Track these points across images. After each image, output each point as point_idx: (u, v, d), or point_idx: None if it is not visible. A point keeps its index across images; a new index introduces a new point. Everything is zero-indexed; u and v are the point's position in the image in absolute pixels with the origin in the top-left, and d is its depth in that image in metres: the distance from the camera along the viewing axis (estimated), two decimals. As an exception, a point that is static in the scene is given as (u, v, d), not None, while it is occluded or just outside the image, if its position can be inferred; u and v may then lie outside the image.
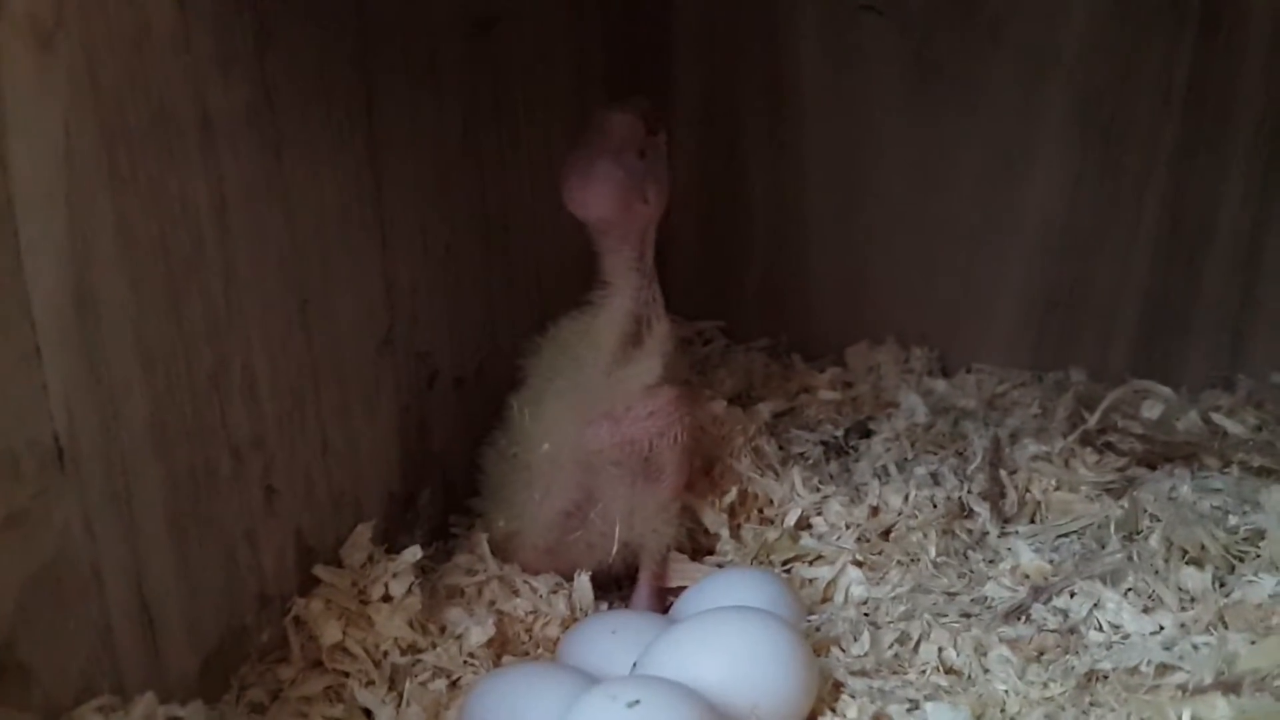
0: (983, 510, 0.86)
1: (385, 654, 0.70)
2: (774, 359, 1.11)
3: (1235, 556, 0.78)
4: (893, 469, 0.92)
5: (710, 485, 0.86)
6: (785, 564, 0.83)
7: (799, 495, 0.87)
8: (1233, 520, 0.81)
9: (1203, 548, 0.78)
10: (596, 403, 0.76)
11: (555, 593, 0.77)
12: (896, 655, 0.72)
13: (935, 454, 0.94)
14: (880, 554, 0.83)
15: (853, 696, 0.67)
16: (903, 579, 0.80)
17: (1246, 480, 0.87)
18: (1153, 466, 0.91)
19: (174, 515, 0.61)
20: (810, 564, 0.82)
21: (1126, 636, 0.73)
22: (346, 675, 0.69)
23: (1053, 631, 0.73)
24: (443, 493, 0.85)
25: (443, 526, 0.86)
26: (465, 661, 0.71)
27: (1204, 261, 1.00)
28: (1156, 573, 0.77)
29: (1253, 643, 0.68)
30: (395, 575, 0.73)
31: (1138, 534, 0.82)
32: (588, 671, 0.68)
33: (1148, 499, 0.84)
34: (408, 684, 0.69)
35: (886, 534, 0.85)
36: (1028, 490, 0.89)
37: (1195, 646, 0.70)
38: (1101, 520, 0.84)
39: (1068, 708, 0.66)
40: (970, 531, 0.85)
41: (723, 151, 1.09)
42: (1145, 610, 0.74)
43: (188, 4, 0.58)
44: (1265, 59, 0.94)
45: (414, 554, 0.75)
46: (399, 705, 0.68)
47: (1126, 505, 0.84)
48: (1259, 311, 1.00)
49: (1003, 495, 0.88)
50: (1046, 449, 0.92)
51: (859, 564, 0.81)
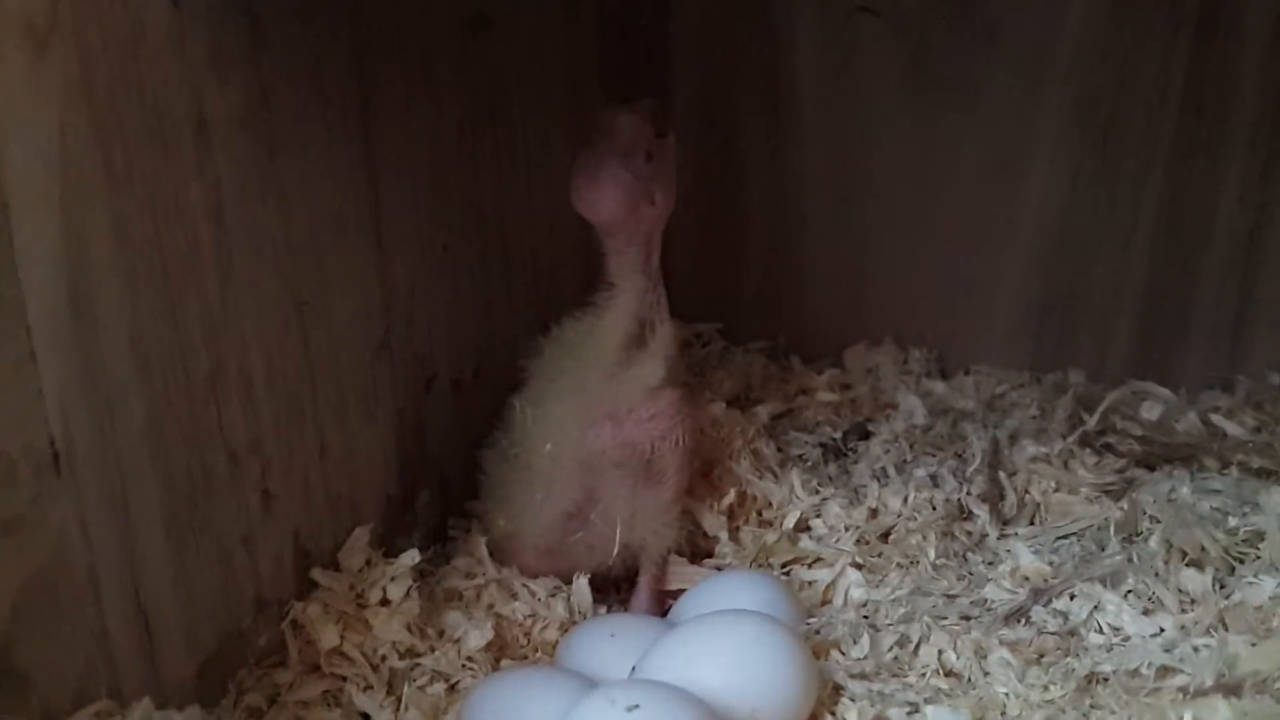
0: (982, 512, 0.86)
1: (383, 658, 0.70)
2: (772, 361, 1.10)
3: (1235, 558, 0.78)
4: (892, 471, 0.92)
5: (709, 488, 0.86)
6: (784, 566, 0.83)
7: (798, 497, 0.87)
8: (1232, 522, 0.81)
9: (1203, 549, 0.78)
10: (599, 404, 0.76)
11: (554, 596, 0.77)
12: (896, 658, 0.72)
13: (934, 456, 0.94)
14: (879, 556, 0.82)
15: (852, 700, 0.67)
16: (902, 581, 0.80)
17: (1246, 481, 0.87)
18: (1152, 468, 0.91)
19: (171, 519, 0.60)
20: (809, 566, 0.82)
21: (1127, 639, 0.72)
22: (344, 679, 0.69)
23: (1053, 634, 0.73)
24: (440, 496, 0.85)
25: (441, 529, 0.85)
26: (464, 665, 0.71)
27: (1202, 262, 1.00)
28: (1156, 574, 0.77)
29: (1253, 645, 0.68)
30: (393, 579, 0.73)
31: (1137, 536, 0.82)
32: (586, 675, 0.67)
33: (1147, 500, 0.84)
34: (406, 688, 0.68)
35: (886, 536, 0.85)
36: (1027, 492, 0.89)
37: (1196, 649, 0.70)
38: (1101, 522, 0.84)
39: (1068, 710, 0.66)
40: (970, 533, 0.85)
41: (720, 153, 1.09)
42: (1145, 612, 0.74)
43: (182, 5, 0.57)
44: (1262, 60, 0.94)
45: (412, 557, 0.75)
46: (397, 709, 0.68)
47: (1126, 507, 0.84)
48: (1257, 312, 1.00)
49: (1002, 497, 0.88)
50: (1046, 450, 0.92)
51: (858, 566, 0.81)
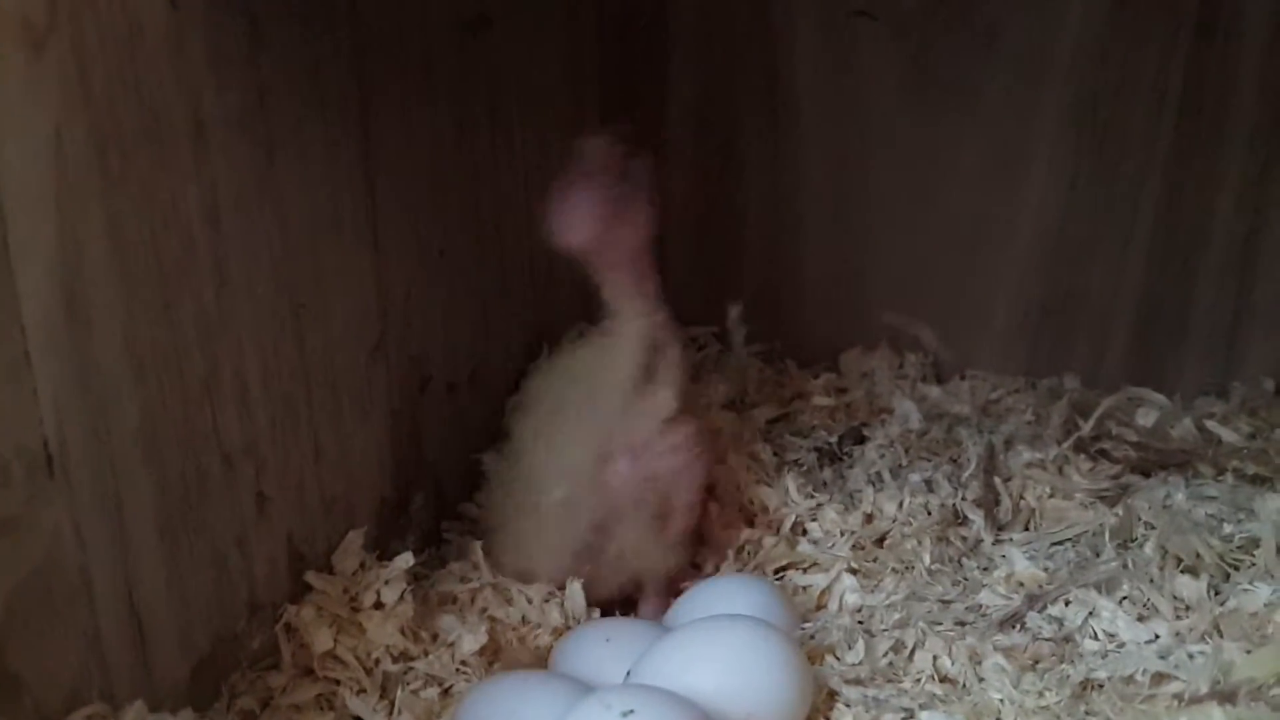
0: (977, 517, 0.86)
1: (377, 661, 0.70)
2: (768, 364, 1.10)
3: (1230, 565, 0.78)
4: (887, 476, 0.92)
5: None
6: (779, 571, 0.82)
7: (793, 502, 0.87)
8: (1227, 528, 0.81)
9: (1197, 556, 0.78)
10: (614, 440, 0.75)
11: (549, 600, 0.77)
12: (891, 664, 0.72)
13: (929, 461, 0.94)
14: (875, 561, 0.82)
15: (847, 705, 0.67)
16: (897, 586, 0.80)
17: (1241, 488, 0.87)
18: (1147, 474, 0.91)
19: (164, 522, 0.60)
20: (804, 571, 0.82)
21: (1122, 645, 0.73)
22: (338, 683, 0.69)
23: (1048, 640, 0.73)
24: (435, 499, 0.85)
25: (435, 532, 0.85)
26: (458, 669, 0.71)
27: (1199, 267, 1.00)
28: (1151, 581, 0.77)
29: (1248, 652, 0.68)
30: (387, 582, 0.73)
31: (1132, 542, 0.82)
32: (581, 680, 0.67)
33: (1142, 507, 0.84)
34: (399, 692, 0.68)
35: (881, 541, 0.84)
36: (1022, 497, 0.88)
37: (1191, 655, 0.70)
38: (1096, 528, 0.84)
39: (1063, 716, 0.66)
40: (965, 539, 0.85)
41: (718, 155, 1.08)
42: (1140, 619, 0.74)
43: (180, 6, 0.57)
44: (1260, 65, 0.94)
45: (406, 560, 0.75)
46: (390, 713, 0.67)
47: (1121, 513, 0.84)
48: (1253, 318, 1.00)
49: (997, 502, 0.88)
50: (1041, 456, 0.92)
51: (853, 571, 0.81)
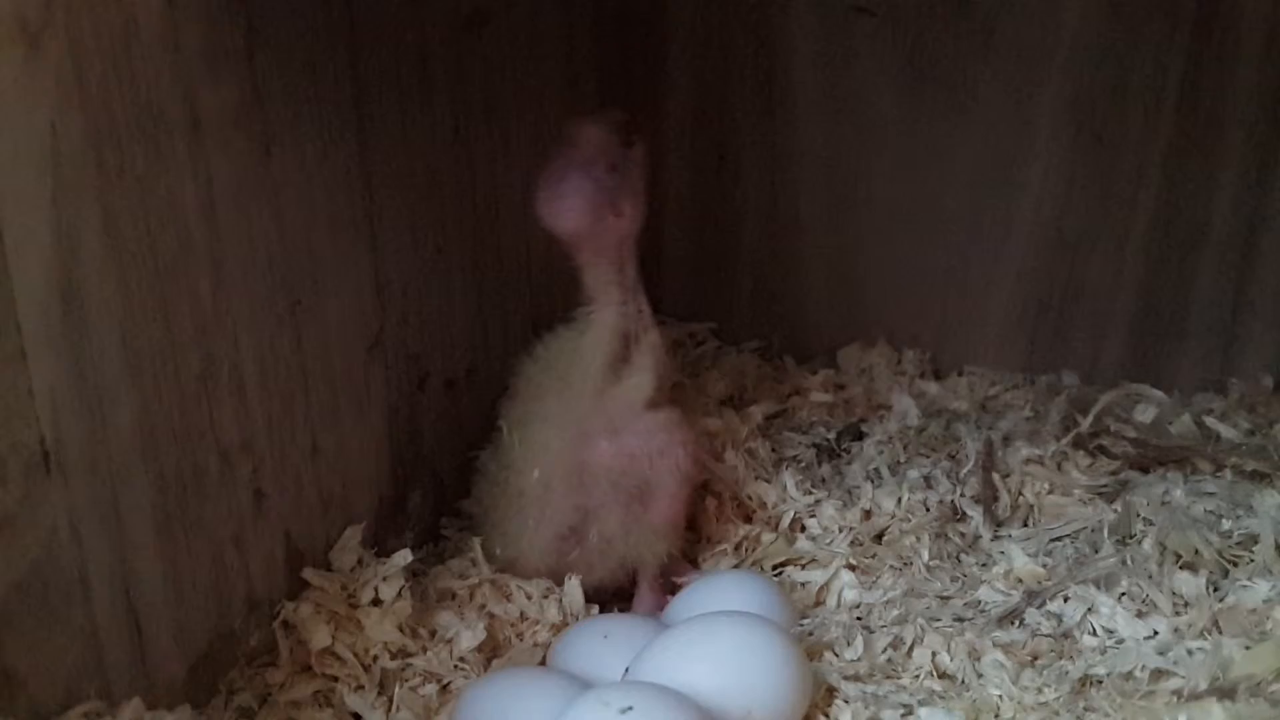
0: (976, 514, 0.86)
1: (375, 658, 0.70)
2: (766, 361, 1.10)
3: (1229, 561, 0.78)
4: (885, 472, 0.92)
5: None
6: (777, 568, 0.82)
7: (792, 498, 0.87)
8: (1226, 524, 0.81)
9: (1196, 552, 0.78)
10: (589, 423, 0.75)
11: (547, 597, 0.77)
12: (890, 660, 0.72)
13: (928, 457, 0.94)
14: (873, 558, 0.82)
15: (846, 702, 0.67)
16: (895, 583, 0.80)
17: (1239, 484, 0.87)
18: (1145, 470, 0.91)
19: (161, 519, 0.60)
20: (803, 568, 0.82)
21: (1120, 641, 0.73)
22: (336, 680, 0.68)
23: (1046, 636, 0.73)
24: (433, 495, 0.85)
25: (433, 529, 0.85)
26: (456, 666, 0.71)
27: (1196, 264, 1.00)
28: (1150, 577, 0.77)
29: (1247, 648, 0.68)
30: (385, 579, 0.73)
31: (1131, 538, 0.82)
32: (579, 677, 0.67)
33: (1141, 503, 0.84)
34: (397, 688, 0.68)
35: (879, 537, 0.84)
36: (1020, 493, 0.88)
37: (1190, 651, 0.70)
38: (1095, 524, 0.83)
39: (1062, 713, 0.66)
40: (963, 535, 0.85)
41: (715, 152, 1.08)
42: (1139, 615, 0.74)
43: (176, 2, 0.57)
44: (1258, 63, 0.94)
45: (404, 557, 0.75)
46: (389, 710, 0.67)
47: (1120, 509, 0.84)
48: (1251, 314, 1.00)
49: (996, 498, 0.88)
50: (1039, 452, 0.92)
51: (852, 568, 0.81)
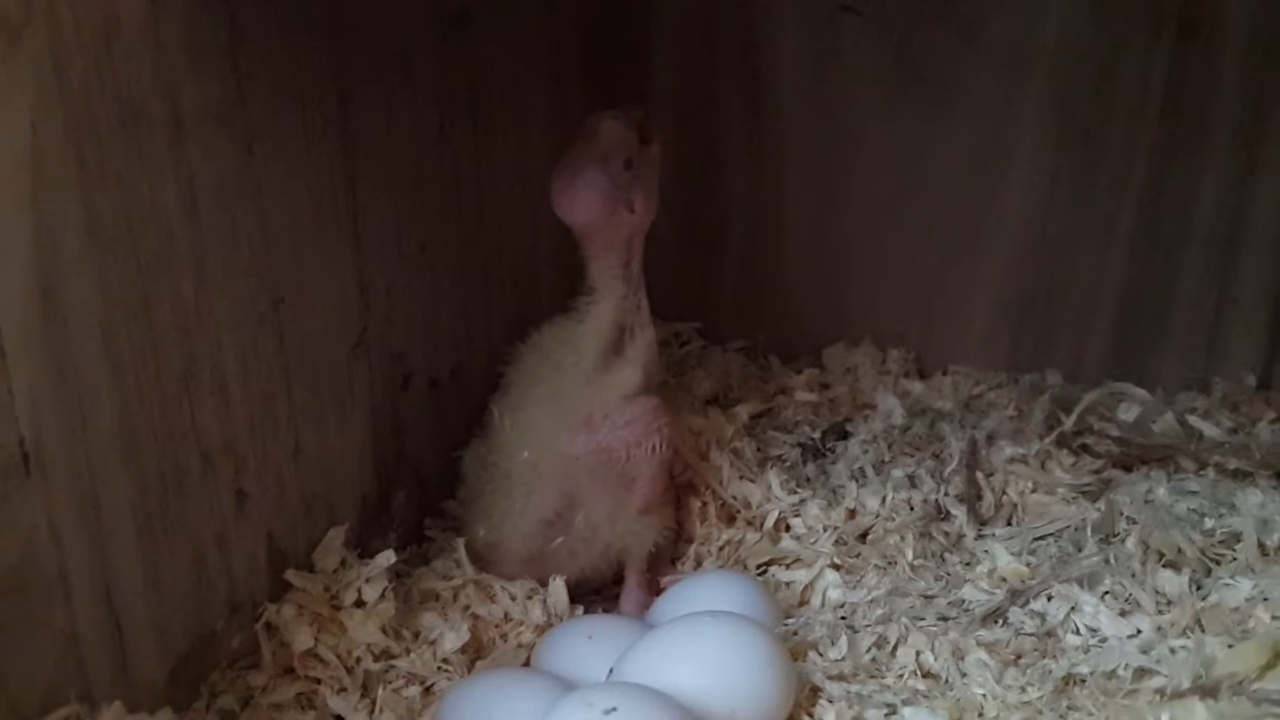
0: (960, 513, 0.86)
1: (358, 660, 0.70)
2: (751, 360, 1.10)
3: (1212, 559, 0.78)
4: (870, 471, 0.91)
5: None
6: (762, 567, 0.82)
7: (776, 498, 0.87)
8: (1209, 523, 0.81)
9: (1179, 551, 0.78)
10: (576, 410, 0.76)
11: (531, 598, 0.77)
12: (874, 659, 0.72)
13: (912, 456, 0.94)
14: (858, 557, 0.82)
15: (830, 701, 0.67)
16: (880, 582, 0.80)
17: (1222, 483, 0.87)
18: (1129, 469, 0.91)
19: (143, 520, 0.60)
20: (787, 567, 0.82)
21: (1104, 640, 0.73)
22: (318, 682, 0.68)
23: (1030, 635, 0.73)
24: (417, 496, 0.84)
25: (417, 530, 0.85)
26: (439, 667, 0.71)
27: (1180, 263, 1.01)
28: (1133, 575, 0.77)
29: (1230, 646, 0.68)
30: (368, 580, 0.73)
31: (1114, 537, 0.82)
32: (564, 677, 0.67)
33: (1124, 501, 0.85)
34: (381, 690, 0.68)
35: (864, 537, 0.84)
36: (1004, 492, 0.89)
37: (1173, 650, 0.70)
38: (1078, 523, 0.84)
39: (1045, 712, 0.66)
40: (947, 534, 0.85)
41: (700, 151, 1.08)
42: (1122, 613, 0.74)
43: (158, -1, 0.57)
44: (1242, 62, 0.94)
45: (388, 558, 0.74)
46: (372, 712, 0.67)
47: (1103, 508, 0.84)
48: (1234, 313, 1.01)
49: (979, 497, 0.88)
50: (1023, 451, 0.92)
51: (836, 567, 0.81)
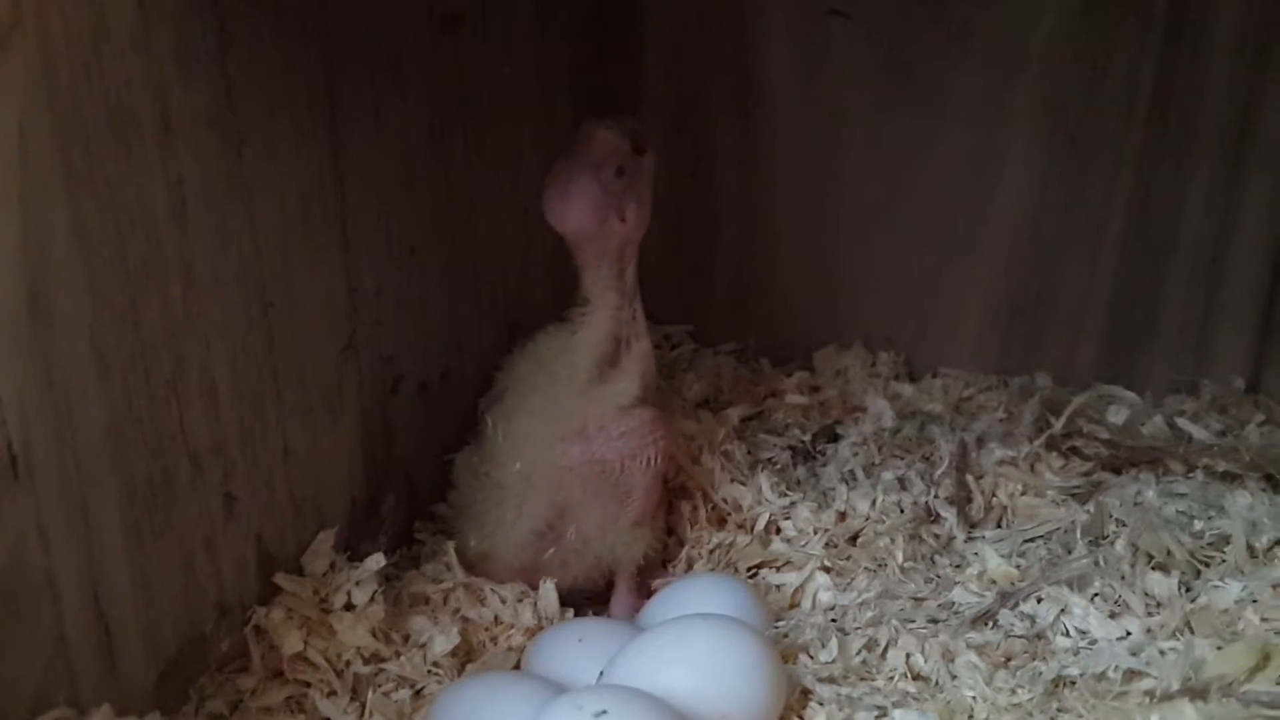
0: (949, 515, 0.86)
1: (348, 663, 0.69)
2: (742, 363, 1.10)
3: (1201, 561, 0.78)
4: (860, 474, 0.92)
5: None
6: (752, 570, 0.82)
7: (767, 500, 0.87)
8: (1198, 525, 0.81)
9: (1168, 553, 0.78)
10: (570, 421, 0.76)
11: (521, 601, 0.77)
12: (864, 662, 0.72)
13: (902, 459, 0.94)
14: (848, 560, 0.82)
15: (821, 704, 0.67)
16: (870, 585, 0.80)
17: (1211, 485, 0.87)
18: (1118, 471, 0.91)
19: (131, 523, 0.59)
20: (778, 570, 0.82)
21: (1094, 642, 0.73)
22: (308, 685, 0.68)
23: (1020, 637, 0.73)
24: (407, 499, 0.84)
25: (407, 533, 0.85)
26: (429, 671, 0.71)
27: (1169, 266, 1.01)
28: (1123, 578, 0.77)
29: (1219, 648, 0.68)
30: (358, 583, 0.73)
31: (1104, 539, 0.82)
32: (554, 681, 0.67)
33: (1113, 504, 0.85)
34: (370, 694, 0.68)
35: (854, 539, 0.85)
36: (994, 495, 0.89)
37: (1162, 652, 0.70)
38: (1068, 525, 0.84)
39: (1035, 714, 0.66)
40: (937, 536, 0.85)
41: (691, 154, 1.08)
42: (1112, 615, 0.75)
43: (147, 2, 0.56)
44: (1230, 66, 0.94)
45: (377, 561, 0.74)
46: (361, 715, 0.67)
47: (1092, 510, 0.85)
48: (1223, 316, 1.01)
49: (969, 500, 0.88)
50: (1013, 453, 0.92)
51: (827, 570, 0.81)
